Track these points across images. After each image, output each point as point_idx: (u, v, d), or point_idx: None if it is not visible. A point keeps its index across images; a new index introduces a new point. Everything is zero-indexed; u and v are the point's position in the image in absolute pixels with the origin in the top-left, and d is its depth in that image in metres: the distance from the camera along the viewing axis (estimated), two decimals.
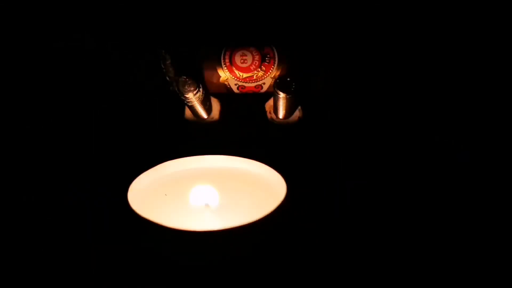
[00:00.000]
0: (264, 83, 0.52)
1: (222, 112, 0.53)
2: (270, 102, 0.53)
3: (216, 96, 0.53)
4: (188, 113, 0.53)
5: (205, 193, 0.46)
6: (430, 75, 0.54)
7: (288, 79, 0.45)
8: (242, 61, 0.50)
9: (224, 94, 0.53)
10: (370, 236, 0.45)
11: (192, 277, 0.39)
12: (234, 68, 0.51)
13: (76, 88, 0.56)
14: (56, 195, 0.49)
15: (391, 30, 0.53)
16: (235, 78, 0.51)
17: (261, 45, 0.51)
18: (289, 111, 0.50)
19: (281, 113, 0.50)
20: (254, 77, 0.51)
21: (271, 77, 0.51)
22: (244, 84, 0.52)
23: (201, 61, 0.51)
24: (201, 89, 0.46)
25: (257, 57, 0.50)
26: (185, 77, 0.45)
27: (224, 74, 0.51)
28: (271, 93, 0.51)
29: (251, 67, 0.51)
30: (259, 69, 0.51)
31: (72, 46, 0.55)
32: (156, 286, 0.40)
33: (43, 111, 0.55)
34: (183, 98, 0.46)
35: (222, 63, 0.51)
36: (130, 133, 0.54)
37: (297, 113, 0.52)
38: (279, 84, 0.45)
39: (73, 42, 0.55)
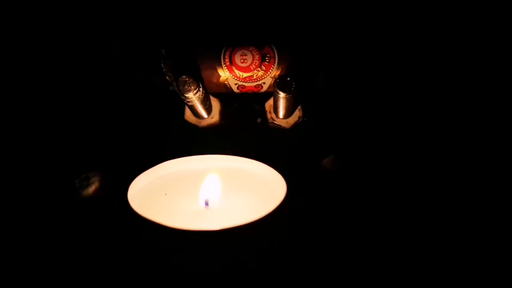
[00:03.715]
0: (264, 83, 0.52)
1: (222, 112, 0.53)
2: (270, 102, 0.53)
3: (216, 95, 0.53)
4: (188, 113, 0.53)
5: (205, 193, 0.46)
6: (430, 76, 0.54)
7: (288, 78, 0.45)
8: (242, 60, 0.50)
9: (224, 93, 0.53)
10: (370, 236, 0.45)
11: (192, 277, 0.39)
12: (234, 68, 0.51)
13: (76, 87, 0.56)
14: (55, 195, 0.49)
15: (391, 30, 0.53)
16: (235, 78, 0.51)
17: (261, 44, 0.51)
18: (289, 111, 0.50)
19: (281, 113, 0.50)
20: (254, 77, 0.51)
21: (271, 77, 0.51)
22: (244, 83, 0.52)
23: (201, 61, 0.51)
24: (201, 89, 0.46)
25: (257, 57, 0.50)
26: (185, 76, 0.45)
27: (224, 74, 0.51)
28: (271, 93, 0.51)
29: (251, 66, 0.51)
30: (259, 69, 0.51)
31: (72, 46, 0.55)
32: (156, 286, 0.40)
33: (42, 110, 0.55)
34: (183, 98, 0.46)
35: (222, 63, 0.51)
36: (130, 133, 0.54)
37: (297, 113, 0.52)
38: (279, 83, 0.45)
39: (73, 42, 0.55)
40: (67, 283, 0.41)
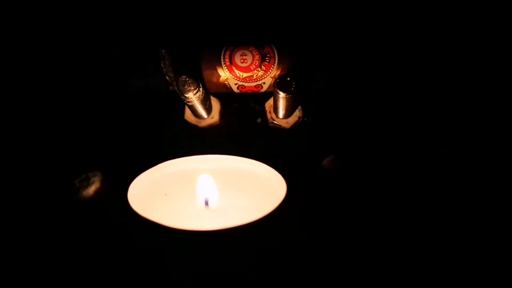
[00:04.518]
0: (264, 83, 0.52)
1: (222, 112, 0.53)
2: (270, 102, 0.53)
3: (216, 95, 0.53)
4: (188, 113, 0.53)
5: (205, 193, 0.46)
6: (429, 75, 0.54)
7: (288, 78, 0.45)
8: (242, 60, 0.50)
9: (224, 93, 0.53)
10: (370, 235, 0.45)
11: (192, 277, 0.39)
12: (234, 68, 0.51)
13: (76, 87, 0.56)
14: (56, 195, 0.49)
15: (391, 30, 0.53)
16: (235, 78, 0.51)
17: (261, 44, 0.51)
18: (289, 111, 0.50)
19: (281, 113, 0.50)
20: (254, 77, 0.51)
21: (271, 77, 0.51)
22: (244, 83, 0.52)
23: (201, 61, 0.51)
24: (201, 89, 0.46)
25: (257, 57, 0.50)
26: (185, 76, 0.45)
27: (224, 74, 0.51)
28: (271, 93, 0.51)
29: (251, 66, 0.51)
30: (259, 69, 0.51)
31: (72, 46, 0.55)
32: (156, 286, 0.40)
33: (43, 110, 0.55)
34: (183, 98, 0.46)
35: (222, 63, 0.51)
36: (130, 133, 0.54)
37: (297, 113, 0.52)
38: (279, 83, 0.45)
39: (73, 42, 0.55)
40: (67, 283, 0.41)
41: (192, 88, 0.45)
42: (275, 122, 0.53)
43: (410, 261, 0.43)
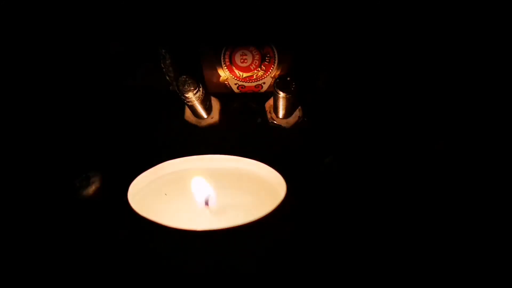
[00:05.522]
0: (264, 83, 0.52)
1: (222, 112, 0.53)
2: (270, 101, 0.53)
3: (216, 96, 0.53)
4: (188, 113, 0.53)
5: (205, 193, 0.46)
6: (429, 75, 0.54)
7: (288, 78, 0.45)
8: (242, 60, 0.50)
9: (224, 93, 0.53)
10: (370, 236, 0.45)
11: (192, 276, 0.39)
12: (234, 68, 0.51)
13: (76, 87, 0.56)
14: (56, 195, 0.49)
15: (391, 29, 0.53)
16: (235, 78, 0.51)
17: (261, 44, 0.51)
18: (289, 110, 0.50)
19: (281, 113, 0.50)
20: (254, 77, 0.51)
21: (271, 77, 0.51)
22: (244, 83, 0.52)
23: (201, 61, 0.51)
24: (201, 89, 0.46)
25: (257, 57, 0.50)
26: (185, 76, 0.45)
27: (224, 74, 0.51)
28: (271, 93, 0.51)
29: (251, 66, 0.51)
30: (259, 69, 0.51)
31: (73, 46, 0.55)
32: (156, 286, 0.40)
33: (43, 110, 0.55)
34: (183, 98, 0.46)
35: (222, 63, 0.51)
36: (130, 133, 0.54)
37: (297, 113, 0.52)
38: (279, 83, 0.45)
39: (73, 42, 0.55)
40: (67, 283, 0.41)
41: (192, 88, 0.45)
42: (275, 122, 0.53)
43: (410, 261, 0.43)
